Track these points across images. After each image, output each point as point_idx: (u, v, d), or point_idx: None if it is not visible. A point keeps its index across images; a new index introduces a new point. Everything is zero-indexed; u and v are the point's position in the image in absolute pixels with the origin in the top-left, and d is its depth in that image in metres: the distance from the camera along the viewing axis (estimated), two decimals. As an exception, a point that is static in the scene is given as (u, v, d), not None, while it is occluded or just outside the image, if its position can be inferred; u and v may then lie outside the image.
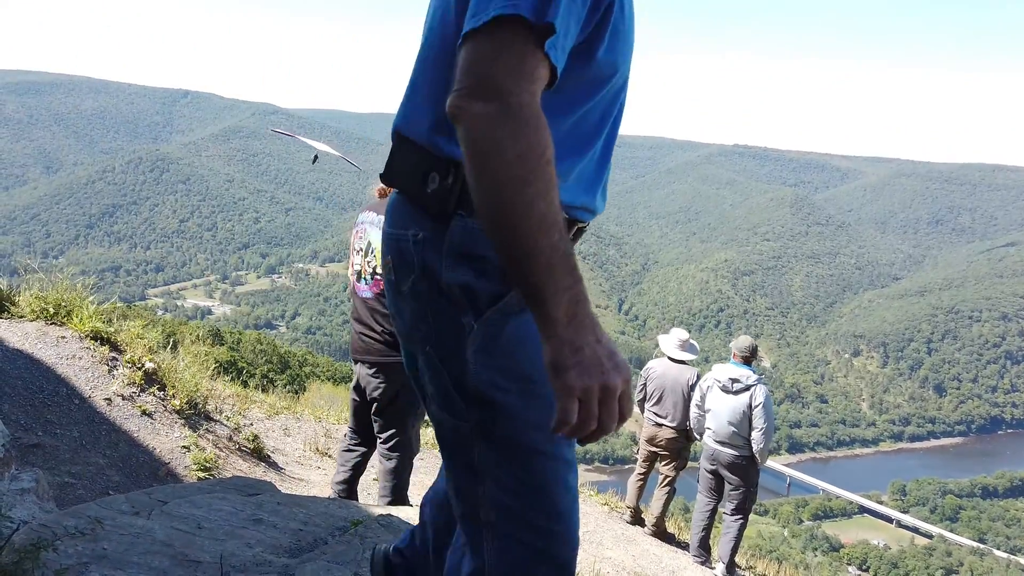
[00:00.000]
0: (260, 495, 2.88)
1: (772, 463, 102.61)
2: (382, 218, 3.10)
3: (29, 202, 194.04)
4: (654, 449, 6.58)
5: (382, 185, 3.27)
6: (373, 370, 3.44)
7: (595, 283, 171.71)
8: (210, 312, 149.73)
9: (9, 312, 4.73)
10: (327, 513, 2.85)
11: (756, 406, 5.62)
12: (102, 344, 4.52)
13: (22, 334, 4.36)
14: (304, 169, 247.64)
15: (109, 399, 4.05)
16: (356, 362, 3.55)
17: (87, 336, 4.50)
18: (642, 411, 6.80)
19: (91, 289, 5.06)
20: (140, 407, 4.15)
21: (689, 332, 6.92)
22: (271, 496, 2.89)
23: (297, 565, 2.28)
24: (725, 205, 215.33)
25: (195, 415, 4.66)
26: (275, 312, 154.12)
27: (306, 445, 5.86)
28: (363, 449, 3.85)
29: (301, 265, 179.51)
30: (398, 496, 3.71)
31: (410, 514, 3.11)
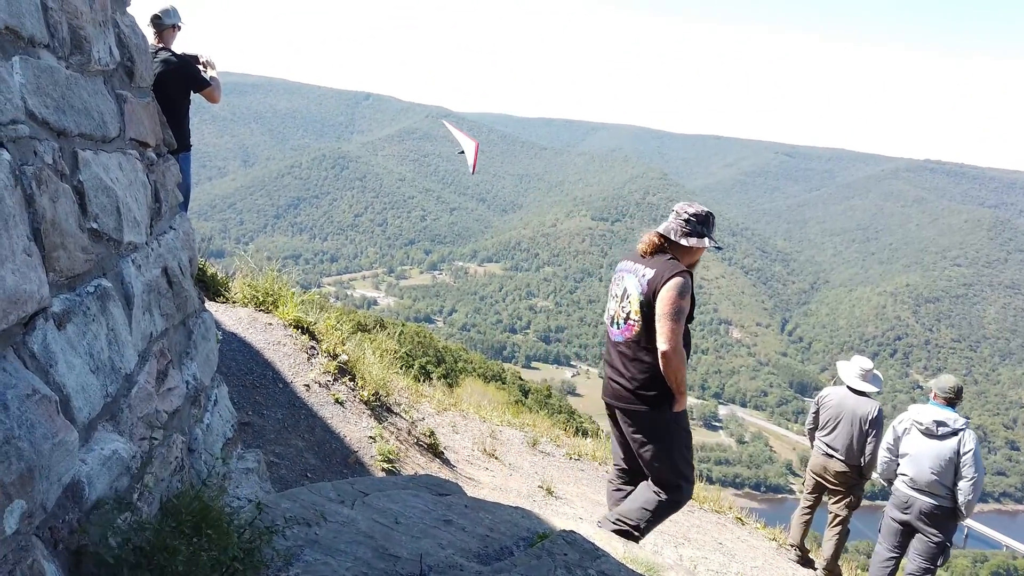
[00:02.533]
0: (449, 496, 2.96)
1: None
2: (638, 267, 3.46)
3: (227, 192, 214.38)
4: (822, 481, 6.14)
5: (648, 243, 3.59)
6: (627, 417, 3.57)
7: (757, 299, 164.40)
8: (375, 303, 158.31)
9: (224, 297, 5.19)
10: (511, 522, 2.88)
11: (966, 453, 5.11)
12: (303, 333, 4.86)
13: (236, 319, 4.77)
14: (469, 171, 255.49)
15: (308, 385, 4.34)
16: (609, 406, 3.69)
17: (290, 324, 4.86)
18: (811, 440, 6.36)
19: (277, 272, 5.44)
20: (334, 395, 4.41)
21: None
22: (459, 498, 2.96)
23: (490, 574, 2.30)
24: (911, 225, 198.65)
25: (379, 406, 4.90)
26: (434, 307, 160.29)
27: (474, 444, 6.00)
28: (630, 488, 3.87)
29: (461, 263, 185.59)
30: (640, 527, 3.62)
31: (590, 532, 3.07)
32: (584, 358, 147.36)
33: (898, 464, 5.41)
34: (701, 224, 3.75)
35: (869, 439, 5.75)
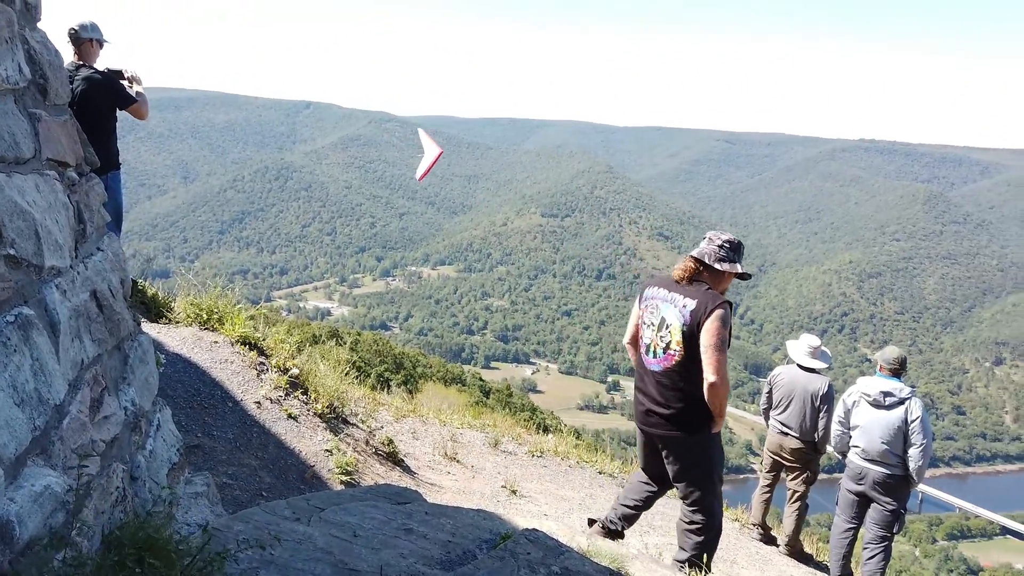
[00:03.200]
0: (408, 504, 2.91)
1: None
2: (676, 296, 3.50)
3: (168, 210, 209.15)
4: (779, 459, 6.26)
5: (685, 267, 3.66)
6: (665, 445, 3.65)
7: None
8: (329, 313, 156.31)
9: (166, 318, 5.05)
10: (473, 525, 2.85)
11: (913, 420, 5.24)
12: (251, 349, 4.75)
13: (179, 339, 4.64)
14: (416, 176, 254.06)
15: (259, 402, 4.24)
16: (642, 431, 3.77)
17: (237, 341, 4.74)
18: (766, 419, 6.47)
19: (222, 289, 5.33)
20: (286, 410, 4.32)
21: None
22: (419, 505, 2.92)
23: (453, 580, 2.27)
24: (850, 204, 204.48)
25: (335, 418, 4.82)
26: (390, 314, 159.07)
27: (435, 449, 5.95)
28: (656, 488, 3.98)
29: (414, 268, 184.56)
30: (698, 555, 3.68)
31: (554, 528, 3.07)
32: (543, 355, 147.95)
33: (850, 436, 5.53)
34: (733, 251, 3.85)
35: (821, 415, 5.87)
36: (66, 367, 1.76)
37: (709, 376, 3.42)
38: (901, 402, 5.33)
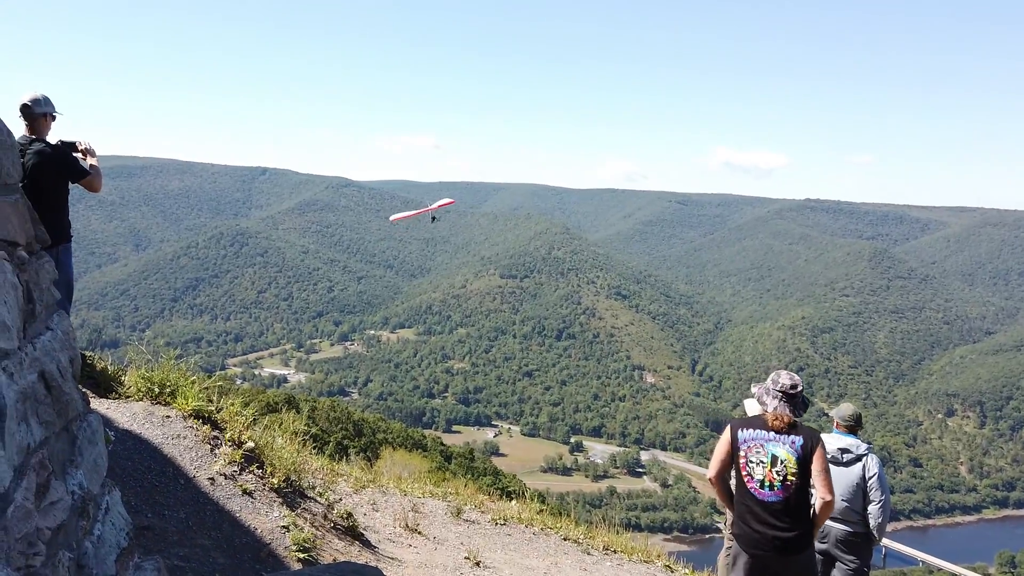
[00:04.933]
0: (368, 583, 2.83)
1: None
2: (782, 436, 4.06)
3: (119, 278, 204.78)
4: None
5: (782, 420, 4.12)
6: (782, 566, 4.06)
7: (666, 343, 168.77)
8: (286, 380, 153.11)
9: (116, 392, 4.91)
10: (436, 602, 2.77)
11: (871, 477, 5.32)
12: (204, 423, 4.62)
13: (130, 415, 4.50)
14: (375, 238, 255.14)
15: (212, 479, 4.11)
16: (756, 557, 4.11)
17: (190, 415, 4.62)
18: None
19: (175, 359, 5.22)
20: (241, 486, 4.20)
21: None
22: (379, 584, 2.84)
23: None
24: (799, 261, 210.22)
25: (291, 492, 4.68)
26: (348, 379, 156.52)
27: (395, 521, 5.81)
28: None
29: (373, 332, 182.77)
30: None
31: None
32: (505, 416, 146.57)
33: (811, 495, 5.56)
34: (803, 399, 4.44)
35: None
36: (12, 452, 1.70)
37: (826, 495, 4.01)
38: (858, 459, 5.40)
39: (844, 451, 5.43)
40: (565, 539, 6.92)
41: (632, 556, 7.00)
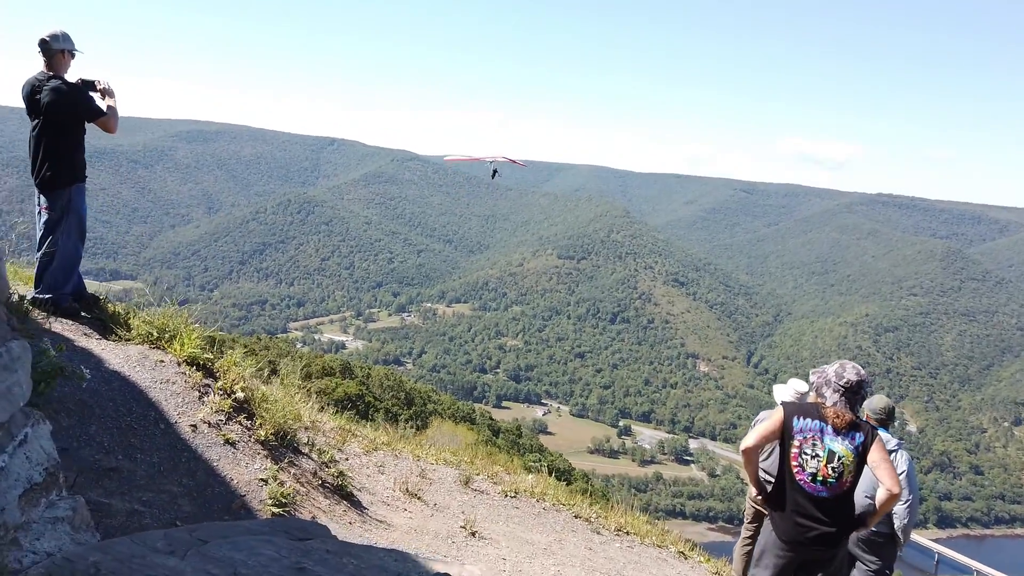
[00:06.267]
0: (310, 540, 2.65)
1: (918, 537, 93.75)
2: (841, 433, 3.86)
3: (192, 239, 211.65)
4: (762, 510, 5.92)
5: (844, 419, 3.91)
6: (823, 560, 4.02)
7: (722, 333, 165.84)
8: (344, 346, 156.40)
9: (117, 335, 4.86)
10: (380, 567, 2.58)
11: (900, 474, 4.94)
12: (198, 370, 4.53)
13: (124, 357, 4.44)
14: (436, 213, 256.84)
15: (195, 426, 4.01)
16: (795, 551, 4.02)
17: (184, 362, 4.53)
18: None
19: (238, 320, 5.13)
20: (224, 436, 4.09)
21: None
22: (321, 543, 2.66)
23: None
24: (867, 257, 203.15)
25: (280, 446, 4.57)
26: (403, 349, 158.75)
27: (396, 485, 5.66)
28: None
29: (429, 305, 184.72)
30: None
31: (474, 572, 2.78)
32: (555, 396, 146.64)
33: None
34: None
35: None
36: None
37: (893, 487, 3.79)
38: (891, 453, 5.01)
39: (874, 446, 5.04)
40: (576, 517, 6.69)
41: (645, 539, 6.73)
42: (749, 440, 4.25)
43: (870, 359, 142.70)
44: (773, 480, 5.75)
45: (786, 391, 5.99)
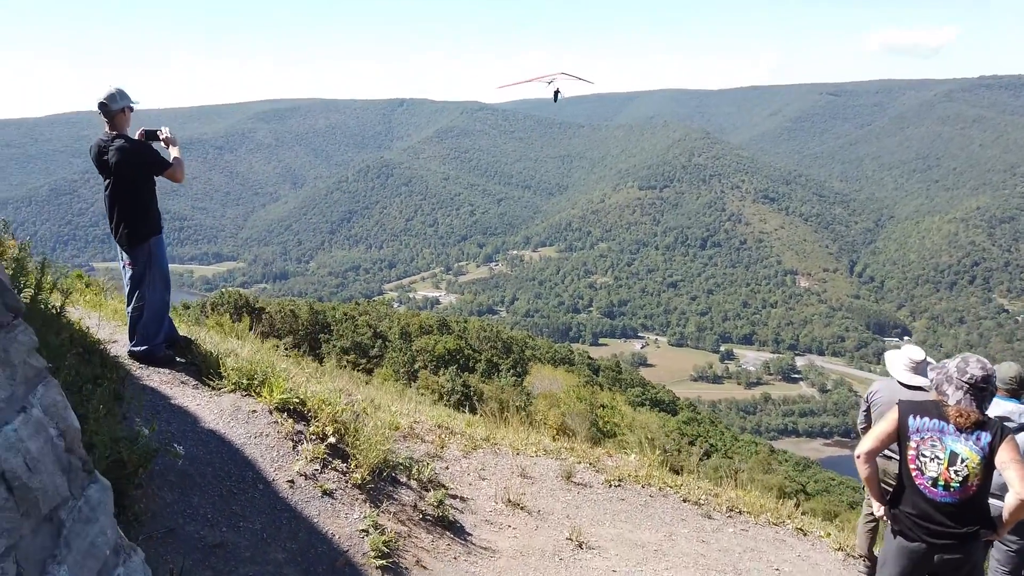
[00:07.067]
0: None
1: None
2: (964, 431, 3.58)
3: (282, 215, 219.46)
4: (883, 485, 5.58)
5: (967, 417, 3.60)
6: (950, 566, 3.73)
7: (820, 245, 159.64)
8: (438, 302, 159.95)
9: (210, 384, 4.97)
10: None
11: None
12: (289, 416, 4.59)
13: (218, 411, 4.54)
14: (511, 160, 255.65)
15: (292, 480, 4.06)
16: (921, 558, 3.78)
17: (275, 409, 4.59)
18: None
19: (336, 288, 5.17)
20: (321, 486, 4.13)
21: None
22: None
23: None
24: (973, 146, 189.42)
25: (379, 483, 4.60)
26: (495, 298, 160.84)
27: (498, 495, 5.64)
28: None
29: (515, 252, 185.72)
30: None
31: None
32: (651, 328, 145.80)
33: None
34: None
35: None
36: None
37: (1022, 491, 3.47)
38: (1021, 428, 4.62)
39: (1004, 419, 4.63)
40: (685, 500, 6.53)
41: (759, 517, 6.52)
42: (865, 444, 3.93)
43: (986, 254, 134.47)
44: (892, 455, 5.42)
45: (899, 359, 5.56)
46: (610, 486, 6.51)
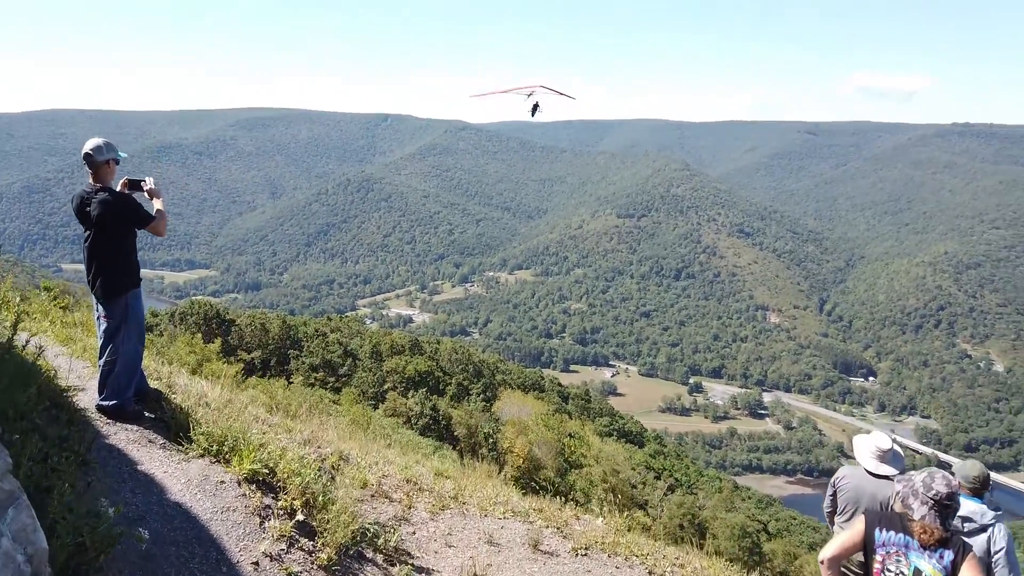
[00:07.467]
0: None
1: (1011, 481, 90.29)
2: (928, 550, 3.58)
3: (258, 225, 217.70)
4: (845, 571, 5.64)
5: (931, 534, 3.60)
6: None
7: (792, 282, 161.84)
8: (411, 320, 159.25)
9: (180, 446, 4.91)
10: None
11: (997, 552, 4.59)
12: (258, 488, 4.54)
13: (185, 480, 4.47)
14: (492, 180, 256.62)
15: (257, 562, 4.01)
16: None
17: (244, 480, 4.54)
18: (830, 523, 5.86)
19: (308, 301, 5.11)
20: (286, 568, 4.08)
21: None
22: None
23: None
24: (944, 191, 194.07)
25: (345, 560, 4.55)
26: (469, 319, 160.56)
27: (464, 567, 5.60)
28: None
29: (491, 273, 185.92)
30: None
31: None
32: (622, 357, 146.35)
33: None
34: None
35: None
36: None
37: None
38: (983, 529, 4.69)
39: (966, 519, 4.71)
40: (651, 573, 6.54)
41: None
42: (829, 550, 3.95)
43: (951, 298, 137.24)
44: (857, 571, 5.48)
45: (867, 447, 5.64)
46: (576, 555, 6.49)
